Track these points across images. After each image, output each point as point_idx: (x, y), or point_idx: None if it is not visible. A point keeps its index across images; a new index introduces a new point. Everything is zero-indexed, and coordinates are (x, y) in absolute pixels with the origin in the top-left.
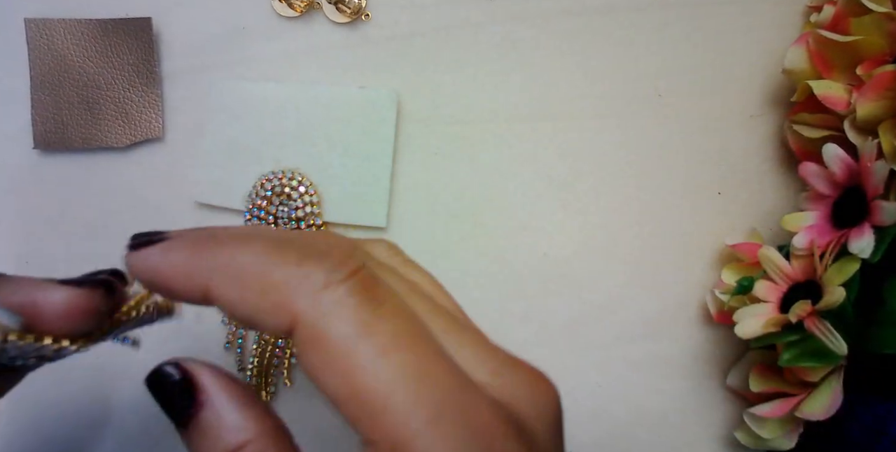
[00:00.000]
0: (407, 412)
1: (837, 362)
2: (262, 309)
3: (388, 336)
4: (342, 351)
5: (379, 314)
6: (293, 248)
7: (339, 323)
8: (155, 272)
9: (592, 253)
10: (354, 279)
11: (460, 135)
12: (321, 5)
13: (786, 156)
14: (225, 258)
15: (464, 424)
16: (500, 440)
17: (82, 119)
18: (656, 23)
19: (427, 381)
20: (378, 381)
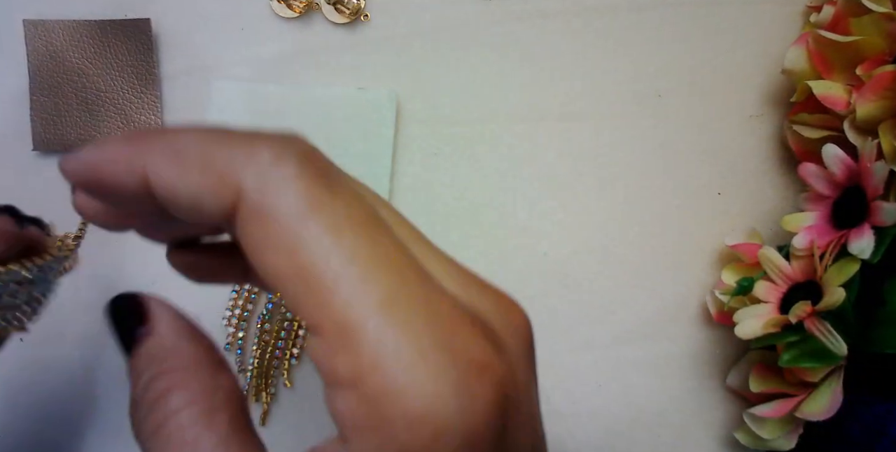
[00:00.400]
0: (357, 292)
1: (837, 362)
2: (203, 187)
3: (340, 215)
4: (290, 226)
5: (332, 191)
6: (239, 133)
7: (288, 196)
8: (90, 164)
9: (592, 253)
10: (305, 157)
11: (460, 135)
12: (320, 6)
13: (786, 156)
14: (164, 141)
15: (423, 310)
16: (462, 334)
17: (81, 120)
18: (656, 23)
19: (382, 264)
20: (327, 259)
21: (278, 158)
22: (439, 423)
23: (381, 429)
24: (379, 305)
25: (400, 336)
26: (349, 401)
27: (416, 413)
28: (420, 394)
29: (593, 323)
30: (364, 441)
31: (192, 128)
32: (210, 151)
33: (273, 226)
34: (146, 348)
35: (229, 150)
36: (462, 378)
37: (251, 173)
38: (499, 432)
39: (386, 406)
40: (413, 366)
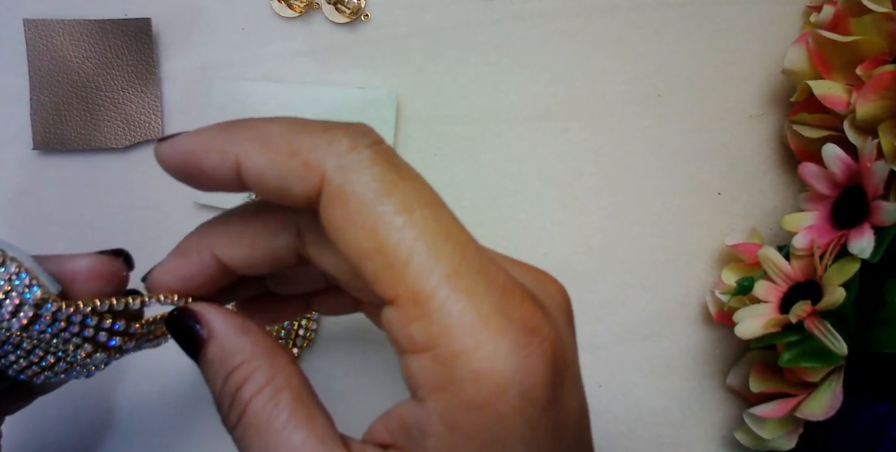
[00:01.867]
0: (429, 265)
1: (837, 362)
2: (291, 171)
3: (410, 195)
4: (367, 205)
5: (402, 175)
6: (318, 123)
7: (366, 179)
8: (187, 151)
9: (592, 253)
10: (378, 146)
11: (460, 135)
12: (320, 6)
13: (786, 156)
14: (254, 130)
15: (482, 281)
16: (517, 299)
17: (81, 120)
18: (656, 23)
19: (448, 239)
20: (401, 235)
21: (355, 146)
22: (500, 379)
23: (452, 387)
24: (447, 276)
25: (464, 303)
26: (424, 364)
27: (480, 370)
28: (482, 354)
29: (593, 323)
30: (438, 399)
31: (278, 119)
32: (295, 139)
33: (354, 206)
34: (210, 353)
35: (312, 139)
36: (517, 339)
37: (333, 159)
38: (553, 388)
39: (455, 366)
40: (476, 329)
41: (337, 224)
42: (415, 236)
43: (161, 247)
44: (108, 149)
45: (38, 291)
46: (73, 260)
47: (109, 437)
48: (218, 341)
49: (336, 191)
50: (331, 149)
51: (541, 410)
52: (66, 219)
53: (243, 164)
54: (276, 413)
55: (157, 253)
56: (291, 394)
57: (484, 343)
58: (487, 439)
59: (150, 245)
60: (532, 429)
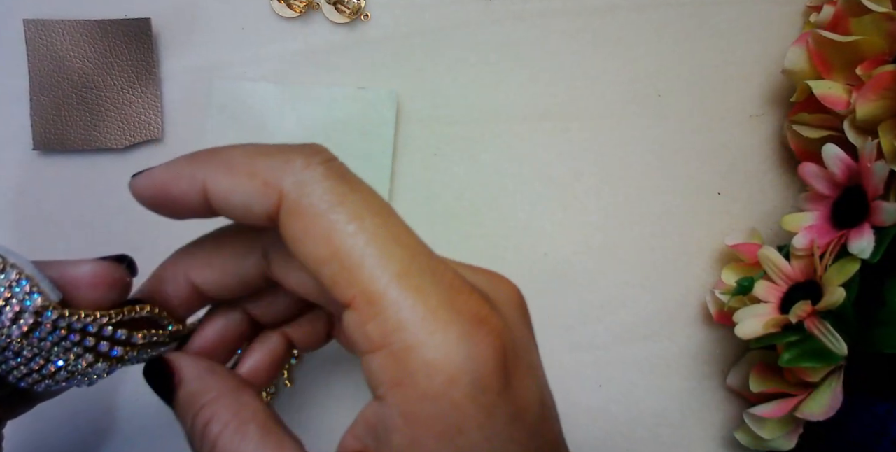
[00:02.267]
0: (380, 266)
1: (837, 362)
2: (252, 191)
3: (360, 204)
4: (321, 216)
5: (352, 187)
6: (275, 146)
7: (319, 192)
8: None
9: (592, 253)
10: (329, 163)
11: (460, 135)
12: (320, 6)
13: (786, 156)
14: (218, 157)
15: (430, 279)
16: (464, 294)
17: (81, 120)
18: (656, 23)
19: (397, 243)
20: (353, 241)
21: (308, 163)
22: (451, 369)
23: (408, 381)
24: (397, 276)
25: (413, 299)
26: (381, 361)
27: (431, 361)
28: (433, 345)
29: (593, 323)
30: (396, 394)
31: (239, 146)
32: (255, 162)
33: (309, 218)
34: (181, 395)
35: (269, 160)
36: (465, 329)
37: (289, 176)
38: (504, 377)
39: (409, 359)
40: (425, 323)
41: (295, 235)
42: (366, 241)
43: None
44: (108, 149)
45: (38, 299)
46: (75, 266)
47: (110, 440)
48: (186, 384)
49: (293, 205)
50: (287, 167)
51: (495, 395)
52: (66, 219)
53: (210, 189)
54: (244, 444)
55: (157, 254)
56: (257, 425)
57: (433, 334)
58: (445, 428)
59: (150, 245)
60: (488, 416)
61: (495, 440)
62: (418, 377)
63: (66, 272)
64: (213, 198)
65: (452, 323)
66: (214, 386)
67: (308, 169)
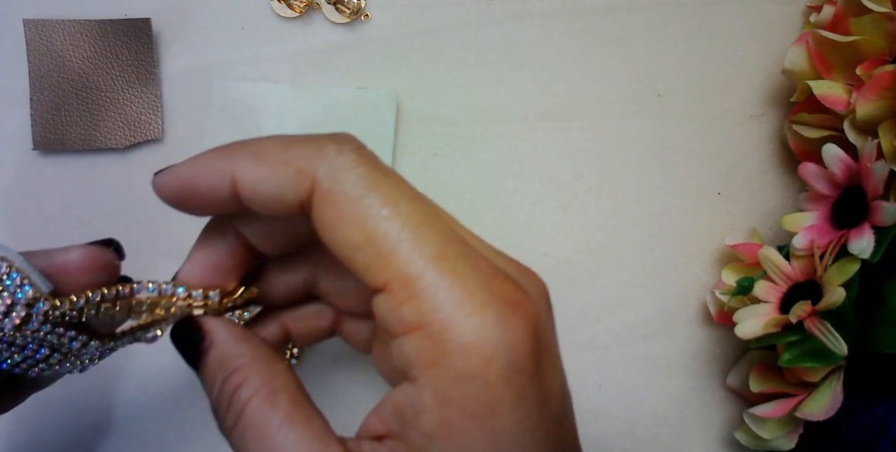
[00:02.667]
0: (415, 250)
1: (837, 362)
2: (285, 179)
3: (394, 190)
4: (355, 201)
5: (385, 174)
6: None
7: (352, 178)
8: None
9: (592, 253)
10: (360, 150)
11: (460, 135)
12: (320, 6)
13: (786, 156)
14: (248, 148)
15: (466, 263)
16: (498, 279)
17: (82, 120)
18: (656, 23)
19: (431, 227)
20: (388, 225)
21: (340, 151)
22: (487, 350)
23: (444, 361)
24: (433, 259)
25: (450, 281)
26: (416, 342)
27: (468, 342)
28: (470, 326)
29: (593, 323)
30: (430, 375)
31: (268, 137)
32: (286, 151)
33: (343, 203)
34: (211, 359)
35: (302, 148)
36: (502, 312)
37: (322, 164)
38: (536, 360)
39: (446, 340)
40: (462, 304)
41: (328, 222)
42: (401, 225)
43: (161, 248)
44: (108, 149)
45: (29, 291)
46: (63, 252)
47: (109, 439)
48: (218, 348)
49: (326, 192)
50: (320, 155)
51: (528, 379)
52: (66, 219)
53: (239, 180)
54: (273, 413)
55: (157, 254)
56: (288, 396)
57: (471, 316)
58: (478, 408)
59: (150, 245)
60: (521, 398)
61: (527, 422)
62: (454, 357)
63: (56, 259)
64: (244, 188)
65: (489, 305)
66: (247, 352)
67: (341, 156)
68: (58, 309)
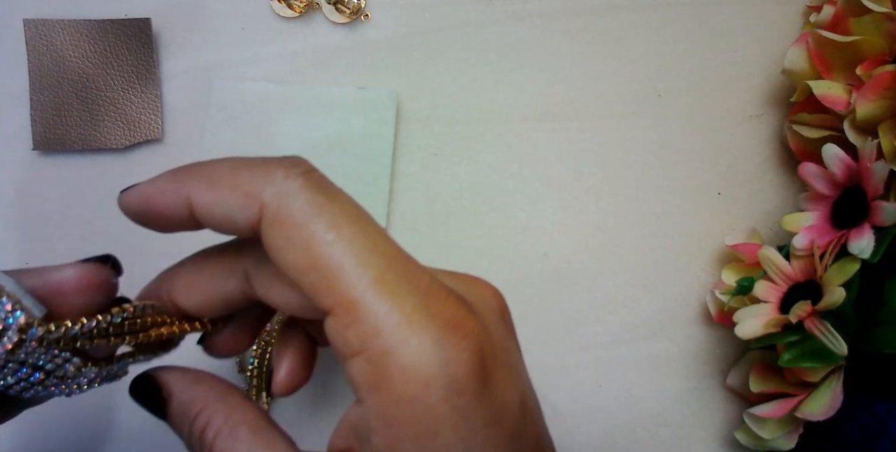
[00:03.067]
0: (357, 274)
1: (837, 362)
2: (234, 203)
3: (338, 214)
4: (301, 226)
5: (330, 198)
6: (257, 159)
7: (298, 203)
8: (146, 196)
9: (592, 253)
10: (308, 174)
11: (460, 135)
12: (320, 6)
13: (786, 156)
14: (201, 171)
15: (406, 285)
16: (439, 300)
17: (81, 120)
18: (656, 23)
19: (374, 250)
20: (332, 250)
21: (287, 176)
22: (426, 372)
23: (385, 385)
24: (373, 283)
25: (389, 305)
26: (360, 366)
27: (406, 365)
28: (408, 349)
29: (593, 323)
30: (374, 397)
31: (222, 160)
32: (236, 175)
33: (289, 227)
34: (173, 409)
35: (251, 172)
36: (441, 334)
37: (269, 188)
38: (481, 379)
39: (385, 363)
40: (401, 328)
41: (276, 245)
42: (343, 250)
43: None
44: (108, 149)
45: (21, 317)
46: (58, 271)
47: (109, 439)
48: (176, 397)
49: (273, 216)
50: (267, 179)
51: (471, 397)
52: (66, 219)
53: (194, 202)
54: (237, 445)
55: (157, 254)
56: (248, 427)
57: (409, 339)
58: (421, 430)
59: (150, 245)
60: (464, 418)
61: (471, 441)
62: (395, 381)
63: (50, 278)
64: (198, 210)
65: (428, 327)
66: (203, 395)
67: (288, 180)
68: (52, 335)
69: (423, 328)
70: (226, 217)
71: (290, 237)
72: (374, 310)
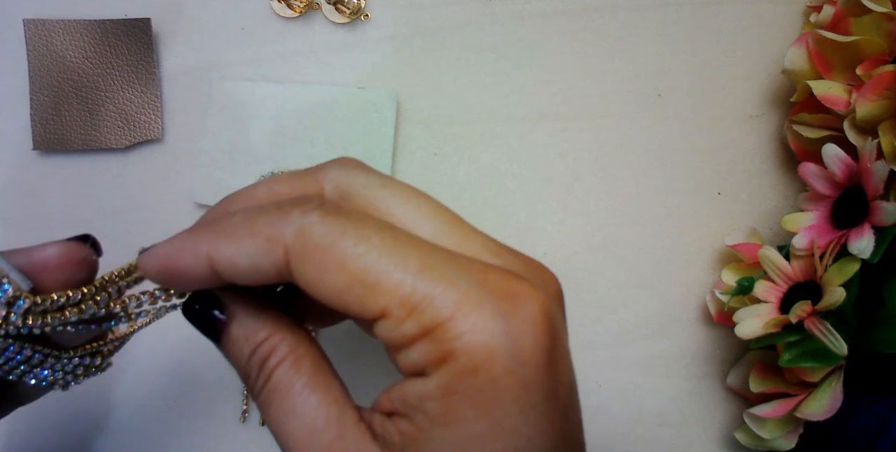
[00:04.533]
0: (400, 270)
1: (837, 362)
2: (258, 251)
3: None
4: (329, 249)
5: (348, 218)
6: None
7: (320, 232)
8: (164, 257)
9: (592, 253)
10: (323, 206)
11: (460, 135)
12: (320, 6)
13: (786, 156)
14: (217, 226)
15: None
16: (495, 275)
17: (81, 120)
18: (656, 23)
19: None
20: (367, 259)
21: (304, 212)
22: (489, 344)
23: (449, 360)
24: (419, 273)
25: (443, 287)
26: (422, 349)
27: (469, 341)
28: (469, 325)
29: (593, 323)
30: (437, 373)
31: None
32: (253, 223)
33: (320, 256)
34: (234, 332)
35: (267, 218)
36: (500, 306)
37: (289, 228)
38: (545, 350)
39: (448, 340)
40: (459, 304)
41: (311, 278)
42: (378, 255)
43: None
44: (108, 149)
45: (9, 289)
46: (41, 249)
47: (109, 438)
48: (239, 321)
49: (301, 251)
50: (285, 221)
51: (534, 370)
52: (66, 219)
53: (215, 258)
54: (297, 377)
55: None
56: (311, 362)
57: (468, 314)
58: (481, 399)
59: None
60: (525, 389)
61: (531, 413)
62: (458, 355)
63: (33, 256)
64: (220, 266)
65: (486, 301)
66: (270, 322)
67: (305, 216)
68: (39, 307)
69: (482, 301)
70: (251, 266)
71: (321, 264)
72: (428, 296)
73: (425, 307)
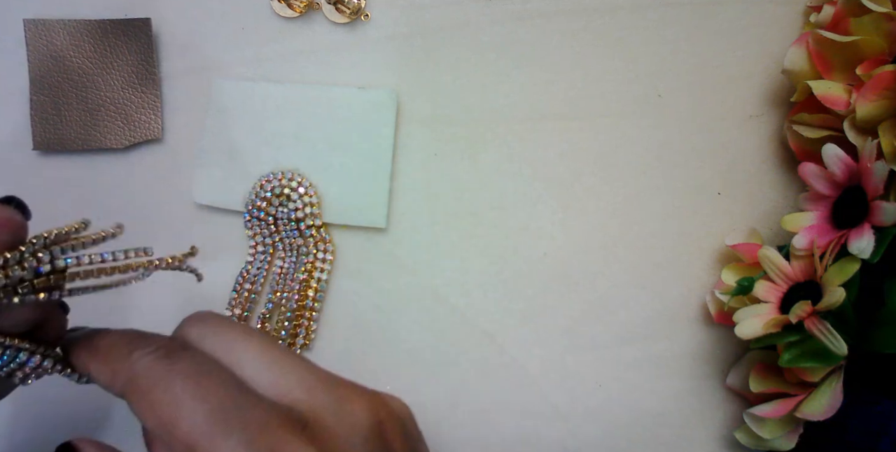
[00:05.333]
0: (189, 417)
1: (837, 362)
2: (104, 377)
3: (175, 377)
4: (146, 394)
5: (171, 367)
6: (136, 337)
7: (143, 375)
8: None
9: (592, 253)
10: (156, 352)
11: (460, 136)
12: (320, 6)
13: (786, 156)
14: (99, 344)
15: (237, 418)
16: (269, 431)
17: (81, 120)
18: (656, 23)
19: (203, 395)
20: (168, 405)
21: (141, 355)
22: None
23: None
24: (204, 421)
25: (221, 443)
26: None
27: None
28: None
29: (593, 323)
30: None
31: (114, 334)
32: (109, 352)
33: (140, 398)
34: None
35: (118, 352)
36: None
37: (125, 366)
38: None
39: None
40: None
41: (134, 410)
42: (175, 402)
43: (161, 248)
44: (108, 149)
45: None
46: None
47: (109, 438)
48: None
49: (130, 389)
50: (127, 359)
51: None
52: (65, 219)
53: (89, 371)
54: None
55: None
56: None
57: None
58: None
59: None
60: None
61: None
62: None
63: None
64: (94, 377)
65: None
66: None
67: (139, 359)
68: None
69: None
70: (102, 384)
71: (142, 404)
72: (204, 448)
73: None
